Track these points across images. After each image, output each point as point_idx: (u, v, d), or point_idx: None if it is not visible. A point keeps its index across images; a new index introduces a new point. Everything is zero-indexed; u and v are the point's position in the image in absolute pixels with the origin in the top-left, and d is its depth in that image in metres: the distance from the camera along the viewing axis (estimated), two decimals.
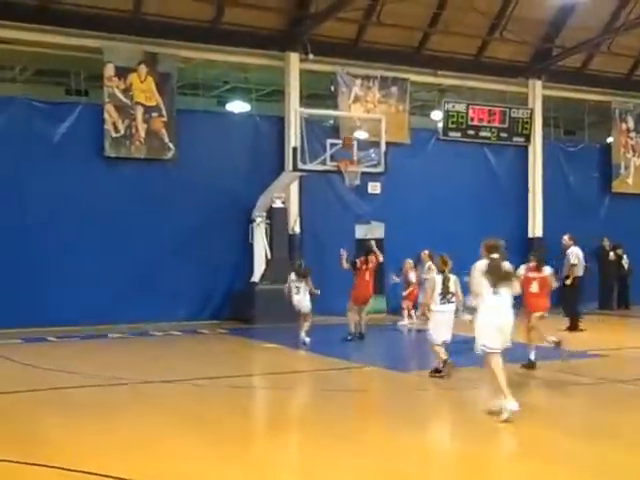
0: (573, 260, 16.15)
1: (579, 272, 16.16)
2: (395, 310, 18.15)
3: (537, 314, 11.21)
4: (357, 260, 14.30)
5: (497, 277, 8.06)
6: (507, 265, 8.30)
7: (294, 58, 18.62)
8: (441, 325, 10.33)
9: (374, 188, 19.08)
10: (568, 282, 15.84)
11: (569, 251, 16.38)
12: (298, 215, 18.43)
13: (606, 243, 20.61)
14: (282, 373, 11.16)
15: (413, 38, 20.07)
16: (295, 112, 17.26)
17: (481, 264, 8.18)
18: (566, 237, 16.66)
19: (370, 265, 14.28)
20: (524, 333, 10.92)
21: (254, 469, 6.40)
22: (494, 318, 8.07)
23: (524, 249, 20.33)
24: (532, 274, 11.40)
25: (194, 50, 18.05)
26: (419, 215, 19.35)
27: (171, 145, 17.57)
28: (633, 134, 22.91)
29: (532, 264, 11.55)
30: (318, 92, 20.61)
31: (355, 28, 19.39)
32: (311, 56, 18.58)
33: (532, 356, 11.05)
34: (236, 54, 18.43)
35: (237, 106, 21.00)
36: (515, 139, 21.31)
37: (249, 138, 18.67)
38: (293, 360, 12.35)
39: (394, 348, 14.68)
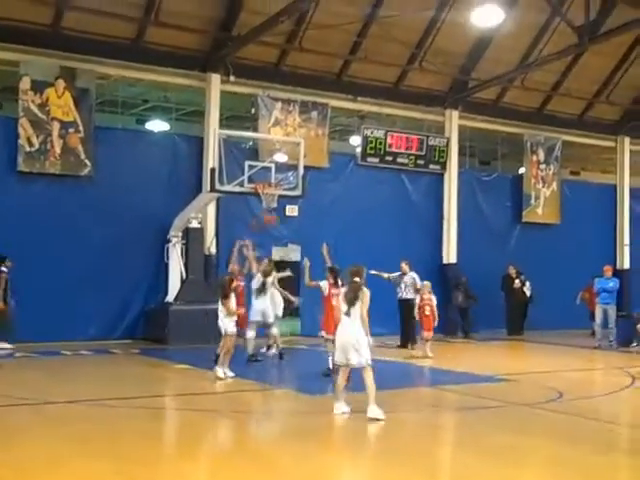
0: (419, 284, 16.99)
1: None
2: (310, 333, 18.22)
3: None
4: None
5: (350, 299, 9.07)
6: (363, 290, 9.15)
7: (215, 79, 18.67)
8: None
9: (292, 211, 19.21)
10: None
11: (413, 275, 17.17)
12: (215, 236, 18.41)
13: (512, 271, 21.21)
14: (191, 394, 11.08)
15: (334, 64, 20.38)
16: (214, 133, 17.28)
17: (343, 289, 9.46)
18: (403, 264, 17.28)
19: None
20: None
21: None
22: (340, 336, 9.16)
23: (438, 274, 20.87)
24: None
25: (114, 67, 17.94)
26: (336, 238, 19.44)
27: (87, 162, 17.33)
28: (543, 166, 23.69)
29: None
30: (238, 114, 20.72)
31: (277, 52, 19.59)
32: (232, 78, 18.70)
33: None
34: (157, 73, 18.39)
35: (156, 125, 20.92)
36: (432, 167, 21.77)
37: (167, 157, 18.59)
38: (203, 381, 12.27)
39: (306, 371, 14.63)
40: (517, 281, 21.21)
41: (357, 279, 9.22)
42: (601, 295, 18.99)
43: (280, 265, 18.59)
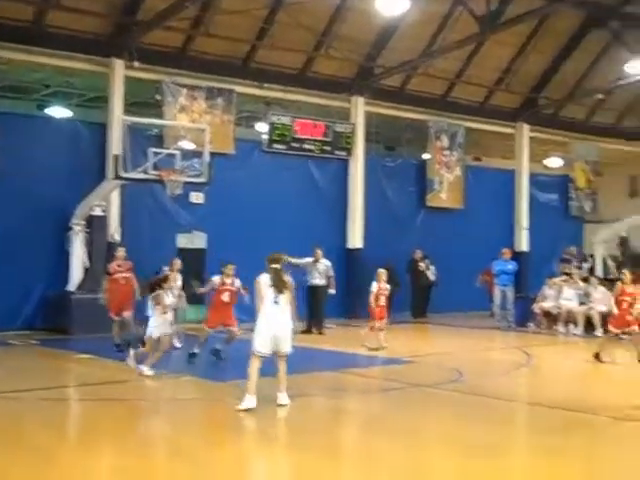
0: (332, 272, 17.60)
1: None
2: None
3: None
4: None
5: (279, 287, 8.99)
6: (287, 277, 9.19)
7: (119, 65, 18.37)
8: None
9: (197, 198, 19.15)
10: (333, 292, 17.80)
11: (327, 263, 17.75)
12: (119, 224, 18.19)
13: (418, 255, 21.69)
14: (95, 384, 11.01)
15: (240, 50, 20.32)
16: (118, 119, 17.07)
17: (265, 276, 9.08)
18: (319, 250, 17.74)
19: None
20: None
21: None
22: (271, 326, 8.95)
23: (344, 259, 21.18)
24: None
25: (14, 51, 17.44)
26: (242, 225, 19.58)
27: None
28: (447, 152, 24.23)
29: None
30: (143, 100, 20.44)
31: (183, 37, 19.40)
32: (137, 64, 18.36)
33: None
34: (58, 57, 17.95)
35: (58, 111, 20.46)
36: (337, 153, 21.98)
37: (70, 144, 18.20)
38: (107, 371, 12.20)
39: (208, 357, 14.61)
40: (422, 264, 21.69)
41: (277, 266, 9.10)
42: (500, 277, 19.67)
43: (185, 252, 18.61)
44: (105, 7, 18.04)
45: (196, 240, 19.08)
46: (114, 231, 17.96)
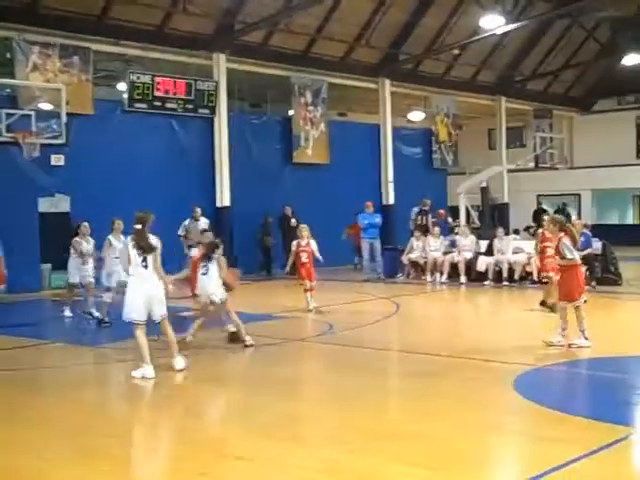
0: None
1: None
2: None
3: None
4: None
5: (144, 248, 8.62)
6: (153, 237, 8.83)
7: None
8: None
9: (57, 160, 18.39)
10: None
11: (206, 221, 17.32)
12: None
13: (288, 211, 21.75)
14: None
15: (95, 6, 19.51)
16: None
17: (130, 239, 8.79)
18: (198, 209, 17.53)
19: None
20: None
21: None
22: (142, 290, 8.62)
23: (213, 218, 20.98)
24: None
25: None
26: (107, 187, 19.00)
27: None
28: (311, 108, 24.28)
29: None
30: None
31: None
32: None
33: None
34: None
35: None
36: (201, 111, 21.62)
37: None
38: None
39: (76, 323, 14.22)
40: (293, 220, 21.76)
41: (139, 226, 8.78)
42: (368, 230, 19.99)
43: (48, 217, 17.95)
44: None
45: (59, 204, 18.38)
46: None
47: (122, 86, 21.34)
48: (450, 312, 15.58)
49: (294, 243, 14.51)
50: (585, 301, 10.13)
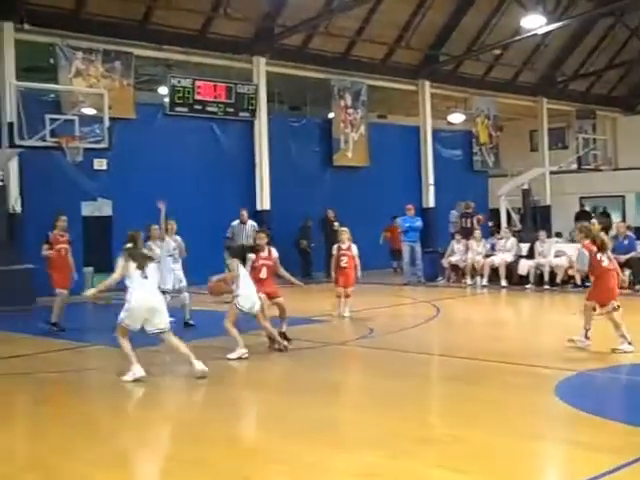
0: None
1: None
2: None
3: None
4: None
5: (139, 261, 8.96)
6: (145, 250, 9.50)
7: (8, 27, 17.56)
8: None
9: (100, 164, 18.64)
10: None
11: (253, 223, 17.56)
12: (19, 193, 17.58)
13: (331, 214, 21.71)
14: (3, 358, 10.71)
15: (137, 11, 19.77)
16: (10, 85, 16.42)
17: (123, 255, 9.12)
18: (244, 212, 17.55)
19: None
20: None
21: None
22: (145, 301, 8.86)
23: (257, 221, 21.09)
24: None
25: None
26: (148, 191, 19.10)
27: None
28: (351, 110, 24.27)
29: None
30: (37, 64, 19.69)
31: None
32: (27, 26, 17.68)
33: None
34: None
35: None
36: (241, 114, 21.73)
37: None
38: (13, 345, 11.86)
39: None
40: (336, 224, 21.67)
41: (130, 245, 9.12)
42: (408, 234, 19.89)
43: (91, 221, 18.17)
44: None
45: (102, 208, 18.60)
46: (14, 201, 17.35)
47: (163, 90, 21.53)
48: (491, 316, 15.43)
49: (335, 247, 14.33)
50: (617, 307, 9.90)
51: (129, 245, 9.16)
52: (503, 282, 18.21)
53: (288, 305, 11.20)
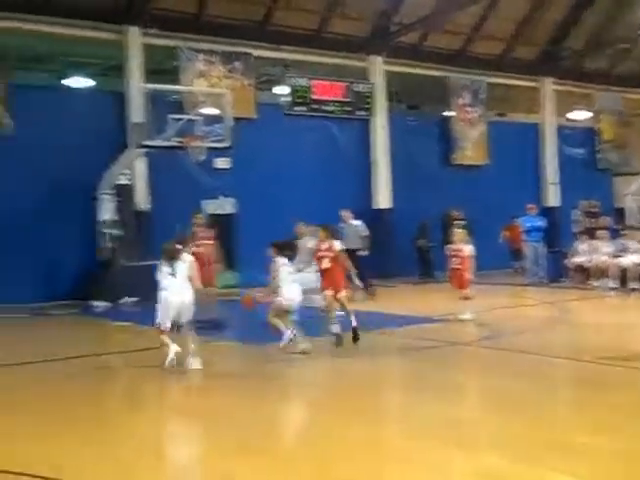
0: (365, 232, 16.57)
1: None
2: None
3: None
4: None
5: (170, 259, 9.30)
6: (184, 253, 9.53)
7: (134, 32, 18.18)
8: None
9: (222, 163, 18.99)
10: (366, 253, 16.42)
11: (357, 223, 16.65)
12: (147, 192, 18.10)
13: (454, 213, 21.34)
14: (135, 351, 10.97)
15: (256, 13, 20.06)
16: (137, 87, 16.92)
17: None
18: (345, 212, 16.59)
19: None
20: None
21: (109, 448, 6.31)
22: (173, 299, 9.18)
23: (369, 220, 21.00)
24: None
25: (29, 22, 17.18)
26: (268, 189, 19.48)
27: (8, 121, 16.78)
28: (469, 108, 23.88)
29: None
30: (161, 67, 20.23)
31: (197, 2, 19.17)
32: (152, 30, 18.20)
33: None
34: (73, 27, 17.75)
35: (77, 81, 20.33)
36: (358, 113, 21.73)
37: (91, 114, 17.96)
38: (146, 338, 12.15)
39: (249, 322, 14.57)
40: (459, 223, 21.27)
41: (179, 246, 9.52)
42: (531, 234, 19.34)
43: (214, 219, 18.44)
44: None
45: (225, 206, 18.93)
46: (142, 199, 17.88)
47: (280, 89, 21.75)
48: (619, 319, 14.72)
49: (447, 247, 13.99)
50: None
51: (179, 247, 9.51)
52: (633, 284, 17.43)
53: (408, 304, 11.05)
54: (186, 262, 9.42)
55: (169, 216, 17.34)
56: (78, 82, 20.29)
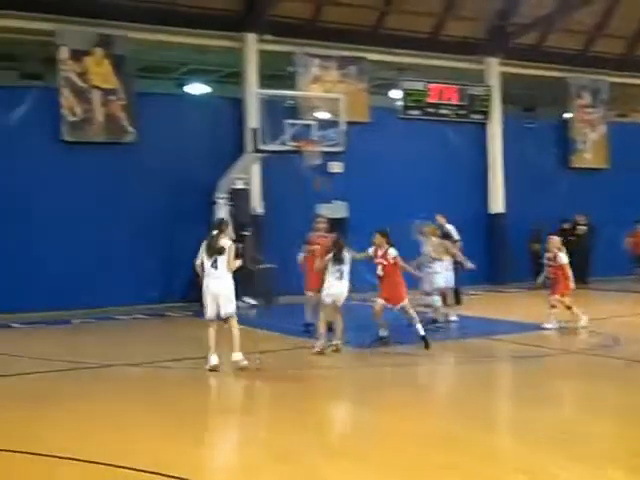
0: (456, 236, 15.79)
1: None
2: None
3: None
4: None
5: (212, 251, 9.34)
6: (224, 241, 9.53)
7: (251, 39, 18.53)
8: None
9: (335, 167, 19.09)
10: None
11: (451, 228, 15.75)
12: (261, 196, 18.41)
13: (580, 218, 20.76)
14: (249, 353, 11.14)
15: (370, 17, 20.08)
16: (254, 93, 17.21)
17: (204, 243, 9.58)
18: (440, 216, 15.48)
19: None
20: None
21: (218, 448, 6.44)
22: (211, 288, 9.38)
23: (484, 225, 20.70)
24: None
25: (150, 32, 17.77)
26: (381, 193, 19.45)
27: (130, 128, 17.40)
28: (590, 109, 23.17)
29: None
30: (277, 73, 20.53)
31: (312, 8, 19.35)
32: (268, 37, 18.51)
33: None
34: (192, 36, 18.23)
35: (196, 88, 20.92)
36: (474, 116, 21.43)
37: (209, 120, 18.52)
38: (261, 340, 12.34)
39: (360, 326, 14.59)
40: (582, 228, 20.68)
41: (216, 231, 9.57)
42: None
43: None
44: None
45: (338, 209, 19.03)
46: (257, 203, 18.20)
47: (394, 93, 21.69)
48: None
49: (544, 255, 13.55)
50: None
51: (215, 232, 9.54)
52: None
53: (521, 310, 10.81)
54: (227, 251, 9.45)
55: (282, 220, 17.64)
56: (197, 89, 20.85)
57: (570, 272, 12.87)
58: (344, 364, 10.37)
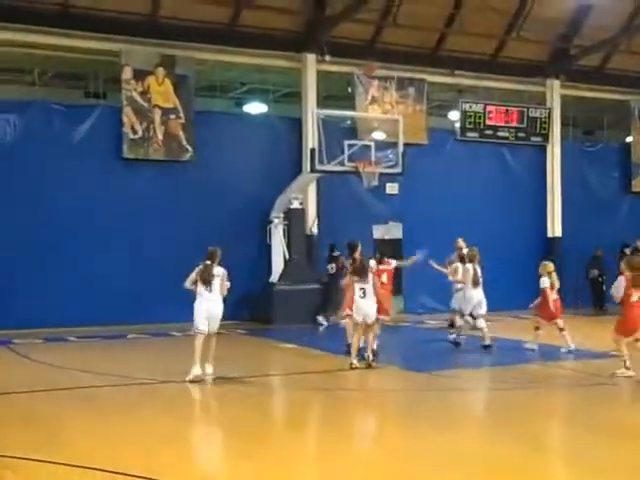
0: None
1: None
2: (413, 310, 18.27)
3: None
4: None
5: (204, 279, 10.33)
6: (217, 269, 10.53)
7: (311, 59, 18.66)
8: None
9: (392, 189, 19.07)
10: None
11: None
12: (316, 216, 18.46)
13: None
14: (300, 373, 11.17)
15: (429, 39, 20.06)
16: (312, 113, 17.32)
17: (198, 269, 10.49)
18: (460, 240, 14.93)
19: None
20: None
21: (269, 465, 6.43)
22: (206, 308, 10.37)
23: (543, 249, 20.38)
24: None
25: (211, 52, 18.09)
26: (437, 215, 19.33)
27: (189, 147, 17.66)
28: None
29: None
30: (335, 93, 20.64)
31: (371, 29, 19.42)
32: (328, 57, 18.61)
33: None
34: (253, 56, 18.47)
35: (255, 107, 21.11)
36: (533, 139, 21.23)
37: (266, 139, 18.71)
38: (311, 360, 12.35)
39: (412, 348, 14.55)
40: None
41: (208, 262, 10.47)
42: None
43: (380, 243, 18.56)
44: (295, 4, 18.32)
45: (392, 230, 19.00)
46: (312, 223, 18.26)
47: (453, 115, 21.60)
48: None
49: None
50: None
51: (208, 262, 10.42)
52: None
53: (583, 337, 10.54)
54: (219, 276, 10.38)
55: (336, 241, 17.59)
56: (256, 108, 21.05)
57: (550, 297, 12.81)
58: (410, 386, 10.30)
